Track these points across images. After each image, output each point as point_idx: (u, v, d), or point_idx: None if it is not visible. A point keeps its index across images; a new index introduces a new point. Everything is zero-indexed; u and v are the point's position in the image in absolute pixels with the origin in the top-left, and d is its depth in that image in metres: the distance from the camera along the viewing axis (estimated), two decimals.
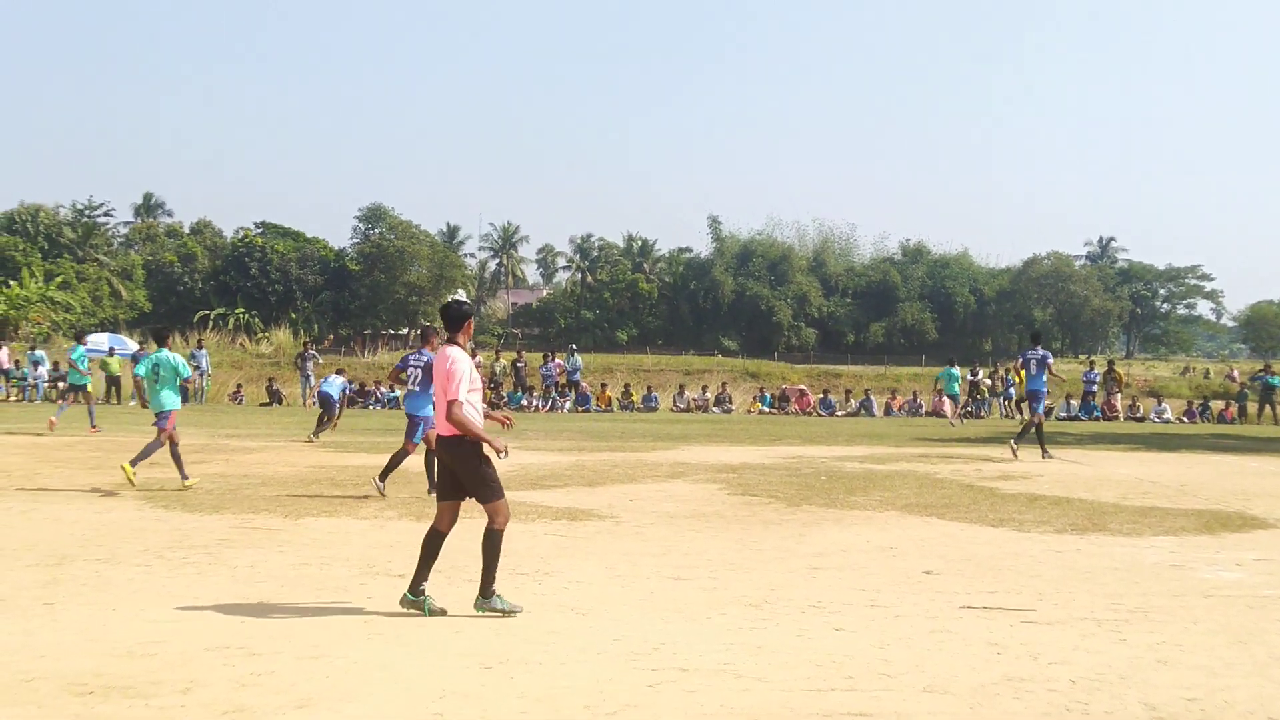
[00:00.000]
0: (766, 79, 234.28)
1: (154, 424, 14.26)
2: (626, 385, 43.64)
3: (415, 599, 7.49)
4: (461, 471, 7.66)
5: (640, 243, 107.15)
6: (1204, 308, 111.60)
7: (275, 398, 39.66)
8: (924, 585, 8.63)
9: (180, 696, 5.50)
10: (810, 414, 38.79)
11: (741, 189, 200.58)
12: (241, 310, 78.17)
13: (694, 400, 40.53)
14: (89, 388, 24.51)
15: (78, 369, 24.17)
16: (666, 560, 9.59)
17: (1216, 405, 39.47)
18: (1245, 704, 5.62)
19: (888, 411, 39.77)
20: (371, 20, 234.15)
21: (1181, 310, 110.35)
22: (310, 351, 41.06)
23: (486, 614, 7.42)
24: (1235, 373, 42.43)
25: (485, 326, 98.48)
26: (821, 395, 41.09)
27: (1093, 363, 44.28)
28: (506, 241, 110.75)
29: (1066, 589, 8.49)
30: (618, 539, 10.75)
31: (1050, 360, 20.99)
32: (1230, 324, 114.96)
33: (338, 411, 22.94)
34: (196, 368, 39.17)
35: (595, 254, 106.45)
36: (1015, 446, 19.94)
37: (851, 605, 7.82)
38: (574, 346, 42.72)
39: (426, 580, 7.57)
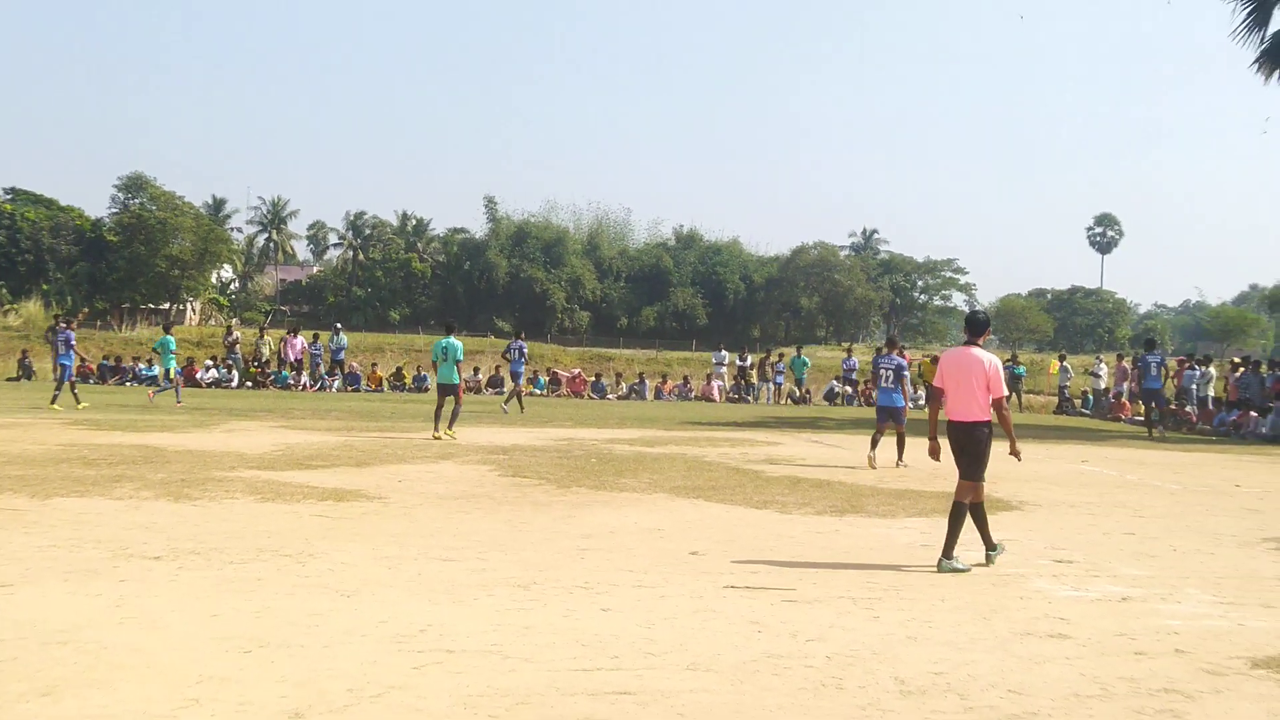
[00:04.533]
0: (546, 60, 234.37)
1: (441, 394, 20.00)
2: (398, 366, 43.09)
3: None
4: (967, 451, 9.09)
5: (415, 221, 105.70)
6: (959, 299, 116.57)
7: (26, 372, 37.81)
8: (690, 566, 8.78)
9: None
10: (582, 396, 39.03)
11: (519, 171, 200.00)
12: None
13: (466, 381, 40.20)
14: None
15: None
16: (435, 541, 9.51)
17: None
18: (988, 677, 5.90)
19: (658, 395, 40.31)
20: None
21: (938, 301, 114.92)
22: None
23: (948, 573, 8.70)
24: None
25: (252, 303, 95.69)
26: (594, 378, 41.36)
27: (850, 350, 45.88)
28: (276, 216, 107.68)
29: (825, 568, 8.76)
30: (385, 520, 10.61)
31: (1165, 362, 27.74)
32: None
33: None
34: None
35: (368, 232, 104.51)
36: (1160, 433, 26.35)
37: (618, 586, 7.91)
38: (339, 325, 41.72)
39: (990, 536, 9.23)
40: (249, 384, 37.47)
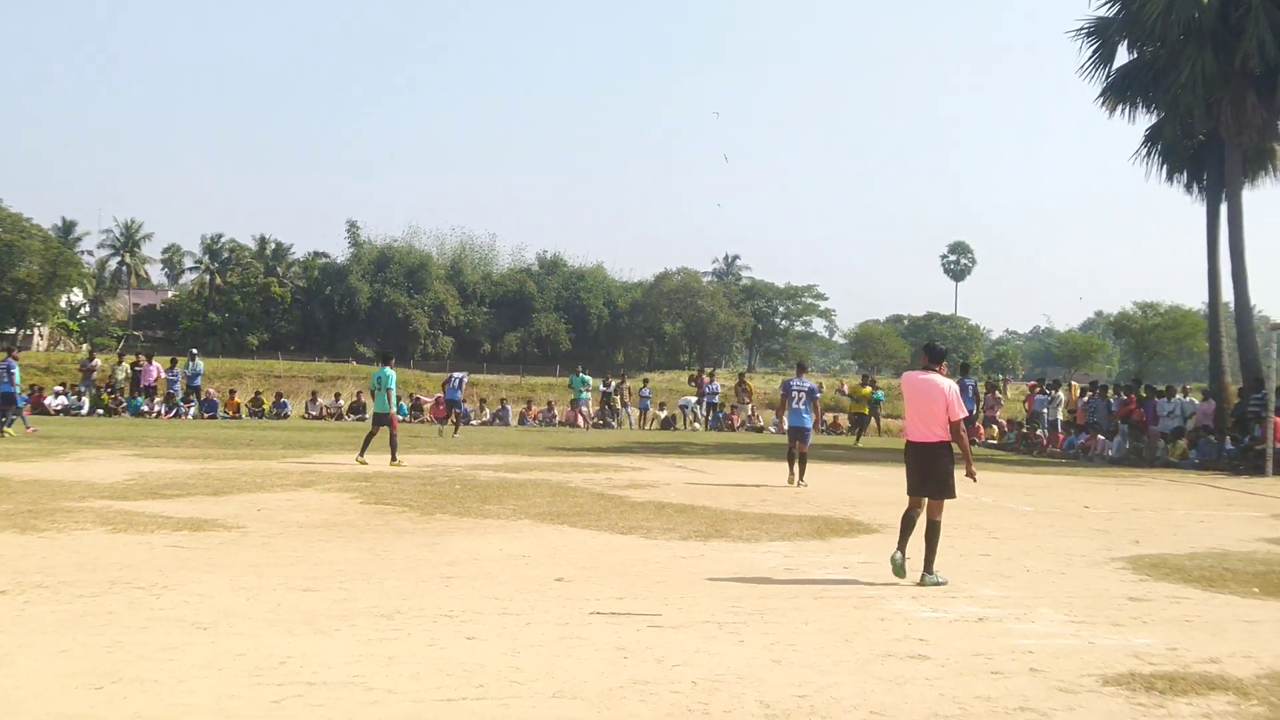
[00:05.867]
0: (409, 84, 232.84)
1: (375, 423, 20.48)
2: (257, 392, 42.29)
3: (899, 559, 9.40)
4: (932, 471, 9.58)
5: (274, 245, 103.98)
6: (819, 325, 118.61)
7: None
8: (555, 592, 8.75)
9: None
10: (445, 422, 38.66)
11: (382, 196, 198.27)
12: None
13: (326, 408, 39.65)
14: None
15: None
16: (295, 571, 9.33)
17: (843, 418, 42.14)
18: (850, 699, 5.98)
19: (522, 421, 40.18)
20: None
21: (799, 327, 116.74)
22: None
23: (930, 587, 9.28)
24: (845, 387, 45.60)
25: (104, 328, 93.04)
26: None
27: (711, 375, 46.51)
28: (129, 239, 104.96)
29: (690, 593, 8.80)
30: (244, 550, 10.37)
31: (977, 387, 30.54)
32: (841, 341, 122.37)
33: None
34: None
35: (226, 255, 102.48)
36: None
37: (483, 614, 7.84)
38: (194, 350, 40.78)
39: (905, 545, 9.52)
40: (100, 411, 36.33)
